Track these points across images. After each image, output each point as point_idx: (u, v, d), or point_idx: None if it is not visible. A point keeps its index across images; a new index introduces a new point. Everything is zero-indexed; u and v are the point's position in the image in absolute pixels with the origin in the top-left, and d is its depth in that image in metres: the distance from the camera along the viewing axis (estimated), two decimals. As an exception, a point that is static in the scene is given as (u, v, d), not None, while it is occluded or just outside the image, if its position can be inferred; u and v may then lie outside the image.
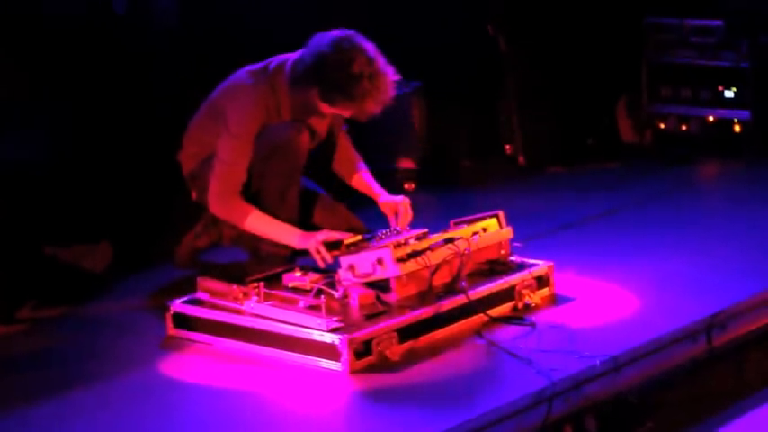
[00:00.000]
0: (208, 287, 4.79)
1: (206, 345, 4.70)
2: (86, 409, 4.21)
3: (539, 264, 5.02)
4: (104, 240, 5.66)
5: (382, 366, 4.39)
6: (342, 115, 5.11)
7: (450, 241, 4.82)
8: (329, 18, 5.14)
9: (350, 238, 4.94)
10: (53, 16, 5.80)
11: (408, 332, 4.52)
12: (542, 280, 5.00)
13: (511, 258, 5.05)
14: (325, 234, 4.96)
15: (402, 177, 6.92)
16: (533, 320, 4.74)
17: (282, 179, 5.10)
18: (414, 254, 4.72)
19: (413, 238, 4.89)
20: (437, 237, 4.88)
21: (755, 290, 4.99)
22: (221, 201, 5.05)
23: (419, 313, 4.57)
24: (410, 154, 6.95)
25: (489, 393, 4.17)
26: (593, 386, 4.28)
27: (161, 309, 4.88)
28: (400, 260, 4.67)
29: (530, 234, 5.67)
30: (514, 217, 5.16)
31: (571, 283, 5.13)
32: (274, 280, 4.86)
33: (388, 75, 4.94)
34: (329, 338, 4.38)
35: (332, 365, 4.38)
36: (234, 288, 4.70)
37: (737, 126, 7.40)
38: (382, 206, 5.23)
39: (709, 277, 5.22)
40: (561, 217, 6.24)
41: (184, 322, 4.77)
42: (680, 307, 4.85)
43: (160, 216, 5.86)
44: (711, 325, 4.75)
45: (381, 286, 4.68)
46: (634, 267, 5.38)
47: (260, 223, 5.03)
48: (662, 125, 7.66)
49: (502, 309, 4.84)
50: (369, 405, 4.18)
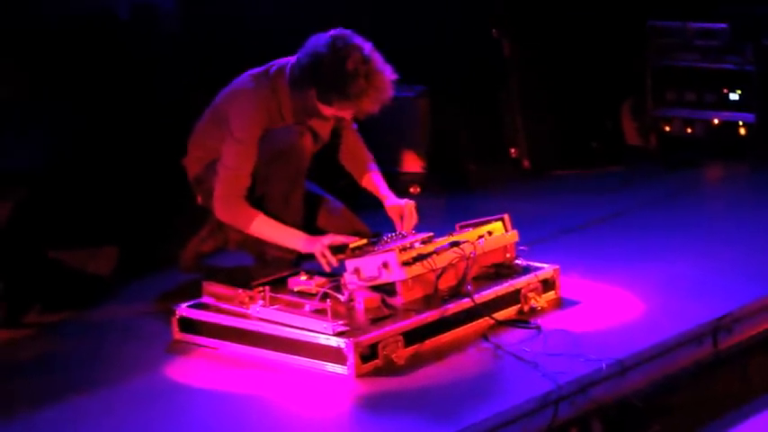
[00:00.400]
0: (213, 291, 4.79)
1: (212, 349, 4.70)
2: (91, 414, 4.21)
3: (544, 267, 5.02)
4: (110, 244, 5.66)
5: (388, 370, 4.39)
6: (342, 116, 5.10)
7: (455, 245, 4.82)
8: (331, 22, 5.14)
9: (355, 242, 4.94)
10: (57, 21, 5.81)
11: (414, 336, 4.52)
12: (548, 283, 5.00)
13: (516, 262, 5.05)
14: (330, 238, 4.96)
15: (407, 181, 6.92)
16: (539, 324, 4.74)
17: (286, 183, 5.10)
18: (419, 257, 4.72)
19: (418, 242, 4.89)
20: (443, 240, 4.88)
21: (761, 293, 4.98)
22: (226, 205, 5.05)
23: (425, 317, 4.57)
24: (415, 158, 6.96)
25: (495, 397, 4.17)
26: (598, 389, 4.28)
27: (166, 313, 4.88)
28: (406, 264, 4.67)
29: (535, 237, 5.67)
30: (520, 220, 5.16)
31: (577, 287, 5.13)
32: (280, 284, 4.86)
33: (385, 73, 4.92)
34: (335, 342, 4.38)
35: (338, 369, 4.38)
36: (239, 292, 4.70)
37: (742, 129, 7.39)
38: (388, 210, 5.23)
39: (714, 280, 5.22)
40: (566, 220, 6.24)
41: (190, 326, 4.77)
42: (685, 310, 4.84)
43: (165, 220, 5.86)
44: (717, 328, 4.74)
45: (387, 290, 4.68)
46: (639, 270, 5.37)
47: (265, 227, 5.03)
48: (667, 128, 7.66)
49: (507, 312, 4.84)
50: (375, 409, 4.17)
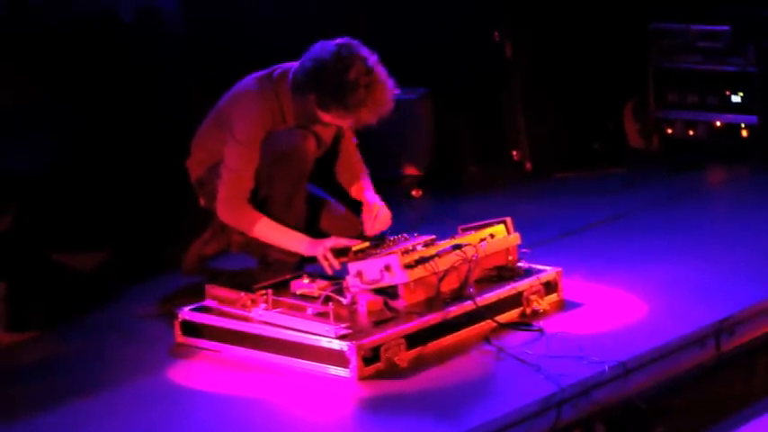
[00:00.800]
0: (216, 294, 4.79)
1: (214, 352, 4.70)
2: (94, 417, 4.21)
3: (546, 270, 5.02)
4: (108, 247, 5.67)
5: (390, 373, 4.39)
6: (341, 125, 5.10)
7: (457, 247, 4.81)
8: (335, 26, 5.14)
9: (358, 245, 4.94)
10: (60, 23, 5.81)
11: (416, 338, 4.52)
12: (550, 286, 5.00)
13: (519, 264, 5.04)
14: (333, 241, 4.96)
15: (409, 184, 6.92)
16: (541, 326, 4.74)
17: (289, 185, 5.10)
18: (421, 260, 4.72)
19: (420, 245, 4.89)
20: (445, 243, 4.87)
21: (764, 295, 4.98)
22: (229, 208, 5.06)
23: (427, 320, 4.57)
24: (417, 160, 6.96)
25: (498, 399, 4.17)
26: (601, 392, 4.28)
27: (169, 316, 4.89)
28: (408, 267, 4.67)
29: (537, 240, 5.67)
30: (522, 223, 5.16)
31: (579, 289, 5.13)
32: (282, 287, 4.86)
33: (387, 86, 4.90)
34: (337, 345, 4.38)
35: (340, 372, 4.38)
36: (242, 295, 4.70)
37: (745, 131, 7.39)
38: (365, 207, 5.18)
39: (717, 282, 5.22)
40: (568, 222, 6.24)
41: (192, 330, 4.77)
42: (688, 312, 4.84)
43: (168, 223, 5.86)
44: (720, 330, 4.74)
45: (389, 293, 4.68)
46: (642, 273, 5.37)
47: (268, 230, 5.03)
48: (669, 130, 7.66)
49: (510, 315, 4.84)
50: (377, 411, 4.17)
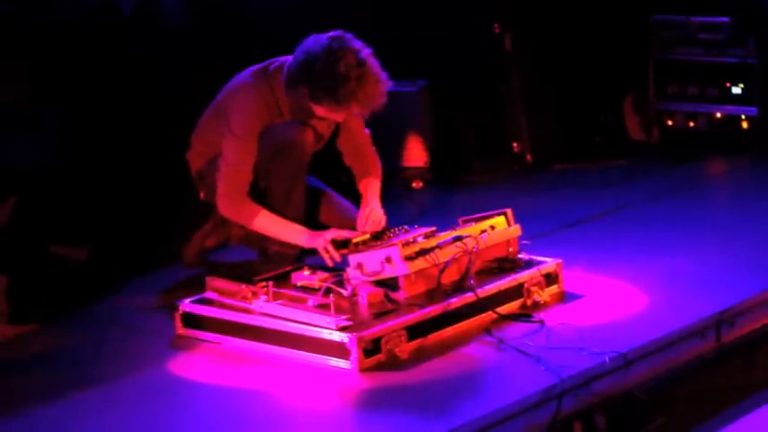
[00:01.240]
0: (216, 286, 4.80)
1: (215, 344, 4.71)
2: (95, 409, 4.22)
3: (547, 261, 5.02)
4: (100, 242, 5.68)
5: (391, 364, 4.40)
6: (334, 119, 5.09)
7: (458, 239, 4.82)
8: (335, 17, 5.13)
9: (358, 237, 4.94)
10: (59, 17, 5.80)
11: (417, 330, 4.52)
12: (551, 277, 5.00)
13: (519, 256, 5.05)
14: (333, 233, 4.96)
15: (410, 176, 6.92)
16: (542, 318, 4.74)
17: (287, 179, 5.10)
18: (422, 252, 4.72)
19: (421, 237, 4.89)
20: (445, 235, 4.88)
21: (764, 286, 4.98)
22: (229, 202, 5.06)
23: (428, 311, 4.57)
24: (418, 152, 6.96)
25: (498, 391, 4.17)
26: (602, 383, 4.28)
27: (169, 308, 4.89)
28: (409, 258, 4.67)
29: (538, 231, 5.67)
30: (522, 214, 5.16)
31: (579, 281, 5.13)
32: (283, 279, 4.86)
33: (379, 79, 4.86)
34: (338, 337, 4.38)
35: (341, 364, 4.38)
36: (243, 287, 4.70)
37: (745, 122, 7.39)
38: (360, 209, 5.19)
39: (717, 274, 5.22)
40: (569, 214, 6.24)
41: (193, 322, 4.78)
42: (688, 304, 4.85)
43: (168, 216, 5.86)
44: (720, 322, 4.75)
45: (390, 284, 4.68)
46: (642, 264, 5.37)
47: (268, 223, 5.03)
48: (669, 122, 7.66)
49: (510, 306, 4.84)
50: (378, 403, 4.18)
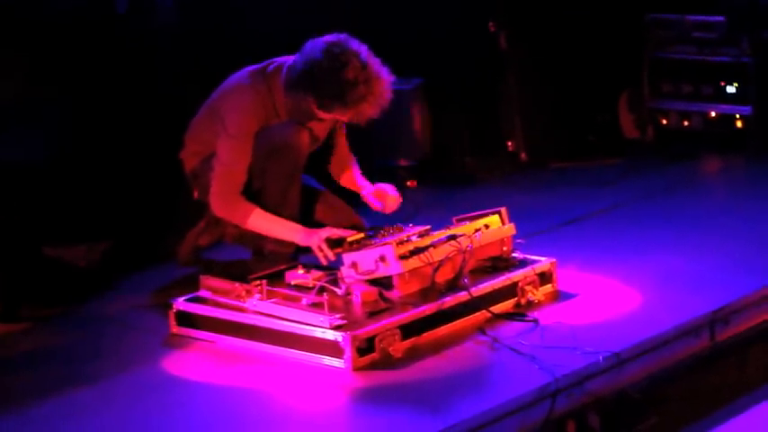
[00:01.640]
0: (211, 285, 4.79)
1: (209, 342, 4.71)
2: (89, 408, 4.21)
3: (541, 260, 5.02)
4: (104, 239, 5.66)
5: (385, 363, 4.40)
6: (342, 120, 5.11)
7: (452, 238, 4.82)
8: (329, 15, 5.14)
9: (352, 236, 4.94)
10: (54, 14, 5.79)
11: (411, 329, 4.52)
12: (545, 276, 5.00)
13: (513, 255, 5.05)
14: (328, 231, 4.96)
15: (404, 174, 6.92)
16: (536, 317, 4.74)
17: (283, 180, 5.09)
18: (416, 251, 4.72)
19: (415, 235, 4.89)
20: (439, 233, 4.88)
21: (758, 285, 4.98)
22: (222, 201, 5.05)
23: (422, 310, 4.57)
24: (412, 151, 6.95)
25: (492, 390, 4.17)
26: (596, 382, 4.28)
27: (164, 307, 4.88)
28: (403, 257, 4.67)
29: (532, 230, 5.67)
30: (517, 213, 5.16)
31: (573, 280, 5.13)
32: (277, 278, 4.86)
33: (383, 77, 4.91)
34: (332, 336, 4.38)
35: (335, 363, 4.38)
36: (237, 286, 4.70)
37: (739, 121, 7.39)
38: (366, 197, 5.21)
39: (711, 273, 5.22)
40: (563, 213, 6.24)
41: (187, 320, 4.78)
42: (683, 302, 4.85)
43: (163, 214, 5.85)
44: (714, 320, 4.75)
45: (384, 283, 4.68)
46: (636, 263, 5.38)
47: (263, 221, 5.03)
48: (663, 121, 7.66)
49: (504, 305, 4.84)
50: (372, 402, 4.18)
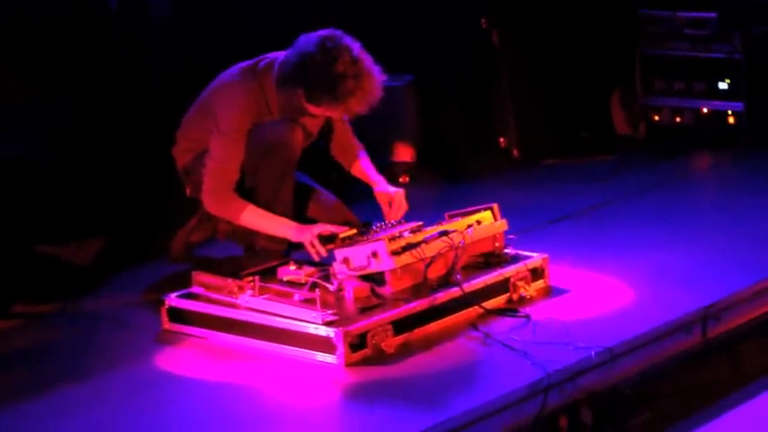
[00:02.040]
0: (203, 281, 4.79)
1: (201, 339, 4.70)
2: (81, 404, 4.21)
3: (533, 256, 5.03)
4: (96, 236, 5.66)
5: (377, 359, 4.40)
6: (331, 116, 5.10)
7: (444, 234, 4.82)
8: (324, 12, 5.13)
9: (345, 233, 4.94)
10: (46, 12, 5.79)
11: (403, 325, 4.53)
12: (537, 272, 5.01)
13: (505, 251, 5.05)
14: (320, 227, 4.96)
15: (397, 171, 6.91)
16: (528, 312, 4.75)
17: (275, 178, 5.09)
18: (408, 247, 4.72)
19: (407, 231, 4.89)
20: (432, 229, 4.88)
21: (750, 281, 4.99)
22: (215, 198, 5.05)
23: (414, 306, 4.57)
24: (405, 147, 6.95)
25: (484, 385, 4.18)
26: (588, 377, 4.29)
27: (156, 303, 4.88)
28: (395, 253, 4.67)
29: (524, 226, 5.67)
30: (509, 209, 5.16)
31: (566, 275, 5.14)
32: (269, 274, 4.86)
33: (374, 74, 4.91)
34: (324, 331, 4.38)
35: (327, 358, 4.38)
36: (229, 282, 4.70)
37: (731, 118, 7.40)
38: (378, 196, 5.23)
39: (703, 269, 5.23)
40: (556, 209, 6.24)
41: (179, 316, 4.77)
42: (675, 298, 4.85)
43: (155, 211, 5.85)
44: (706, 316, 4.75)
45: (376, 279, 4.68)
46: (629, 259, 5.38)
47: (255, 218, 5.03)
48: (656, 117, 7.67)
49: (497, 301, 4.85)
50: (364, 397, 4.18)
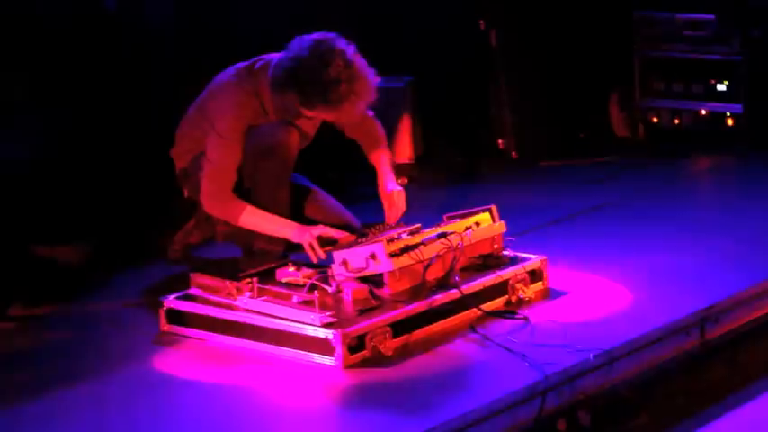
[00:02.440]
0: (201, 283, 4.79)
1: (199, 340, 4.70)
2: (79, 406, 4.20)
3: (532, 258, 5.02)
4: (90, 237, 5.65)
5: (376, 361, 4.39)
6: (326, 119, 5.09)
7: (443, 236, 4.82)
8: (323, 14, 5.13)
9: (344, 239, 4.92)
10: (43, 13, 5.78)
11: (402, 327, 4.52)
12: (535, 274, 5.00)
13: (504, 253, 5.05)
14: (320, 229, 4.95)
15: (395, 172, 6.89)
16: (526, 315, 4.74)
17: (273, 181, 5.08)
18: (407, 248, 4.72)
19: (406, 233, 4.89)
20: (430, 231, 4.88)
21: (748, 283, 4.99)
22: (214, 200, 5.04)
23: (412, 308, 4.57)
24: (403, 148, 6.95)
25: (483, 387, 4.17)
26: (586, 380, 4.28)
27: (154, 304, 4.88)
28: (393, 255, 4.66)
29: (523, 228, 5.67)
30: (507, 211, 5.16)
31: (564, 278, 5.13)
32: (267, 275, 4.86)
33: (368, 77, 4.88)
34: (323, 333, 4.38)
35: (325, 360, 4.38)
36: (227, 284, 4.69)
37: (730, 120, 7.40)
38: (380, 194, 5.22)
39: (702, 271, 5.23)
40: (554, 211, 6.24)
41: (177, 318, 4.77)
42: (673, 300, 4.85)
43: (153, 212, 5.85)
44: (704, 318, 4.75)
45: (375, 281, 4.68)
46: (627, 261, 5.38)
47: (254, 218, 5.02)
48: (654, 119, 7.67)
49: (495, 303, 4.84)
50: (362, 399, 4.17)
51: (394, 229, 4.95)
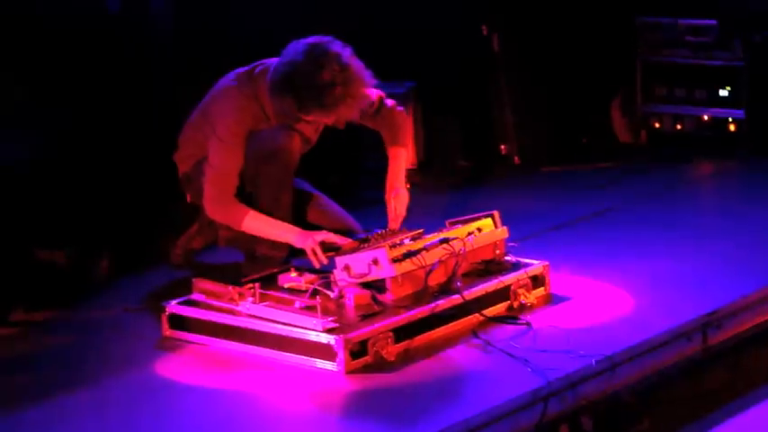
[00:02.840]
0: (203, 288, 4.78)
1: (201, 346, 4.70)
2: (80, 412, 4.20)
3: (534, 263, 5.02)
4: (100, 244, 5.65)
5: (378, 366, 4.39)
6: (323, 123, 5.09)
7: (445, 241, 4.81)
8: (323, 19, 5.12)
9: (347, 246, 4.91)
10: (45, 15, 5.78)
11: (404, 332, 4.52)
12: (538, 279, 5.00)
13: (506, 258, 5.05)
14: (323, 235, 4.95)
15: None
16: (529, 320, 4.74)
17: (275, 185, 5.09)
18: (409, 254, 4.72)
19: (408, 239, 4.89)
20: (432, 237, 4.87)
21: (751, 288, 4.99)
22: (217, 205, 5.04)
23: (415, 313, 4.57)
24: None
25: (485, 393, 4.17)
26: (588, 385, 4.28)
27: (156, 310, 4.88)
28: (396, 260, 4.66)
29: (525, 234, 5.67)
30: (509, 217, 5.16)
31: (566, 283, 5.13)
32: (270, 281, 4.86)
33: (364, 80, 4.88)
34: (325, 339, 4.37)
35: (328, 366, 4.38)
36: (229, 289, 4.69)
37: (732, 125, 7.40)
38: (385, 194, 5.21)
39: (704, 276, 5.22)
40: (556, 216, 6.24)
41: (180, 323, 4.77)
42: (675, 306, 4.85)
43: (155, 217, 5.84)
44: (707, 324, 4.75)
45: (377, 286, 4.68)
46: (629, 267, 5.38)
47: (257, 223, 5.02)
48: (657, 124, 7.67)
49: (497, 309, 4.84)
50: (365, 405, 4.17)
51: (396, 235, 4.95)
